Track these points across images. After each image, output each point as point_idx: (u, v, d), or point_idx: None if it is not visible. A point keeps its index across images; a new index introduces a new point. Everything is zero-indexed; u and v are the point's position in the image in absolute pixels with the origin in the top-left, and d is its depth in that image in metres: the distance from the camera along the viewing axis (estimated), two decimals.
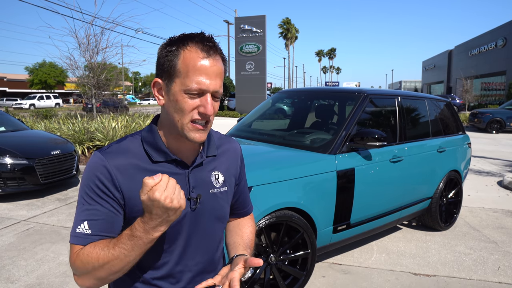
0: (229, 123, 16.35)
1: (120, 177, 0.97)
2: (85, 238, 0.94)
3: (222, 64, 0.98)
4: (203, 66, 0.93)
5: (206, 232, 1.10)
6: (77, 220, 0.96)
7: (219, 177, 1.12)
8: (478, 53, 36.25)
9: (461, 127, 4.92)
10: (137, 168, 0.99)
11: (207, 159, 1.10)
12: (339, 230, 3.13)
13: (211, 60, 0.94)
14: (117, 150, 1.01)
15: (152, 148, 1.02)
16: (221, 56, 0.99)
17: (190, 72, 0.93)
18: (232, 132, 4.10)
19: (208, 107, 0.94)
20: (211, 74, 0.94)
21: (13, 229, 4.27)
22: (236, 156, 1.20)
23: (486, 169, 8.12)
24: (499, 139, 14.10)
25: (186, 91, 0.94)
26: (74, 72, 11.41)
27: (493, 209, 5.29)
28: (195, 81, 0.93)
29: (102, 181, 0.96)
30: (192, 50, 0.94)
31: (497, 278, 3.26)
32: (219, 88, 0.96)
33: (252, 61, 23.88)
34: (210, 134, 1.14)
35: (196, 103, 0.95)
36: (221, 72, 0.97)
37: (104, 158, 0.98)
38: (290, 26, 59.00)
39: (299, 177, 2.80)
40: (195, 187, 1.06)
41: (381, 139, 3.07)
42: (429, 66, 56.87)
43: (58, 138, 6.65)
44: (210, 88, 0.94)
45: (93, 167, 0.97)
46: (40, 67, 45.82)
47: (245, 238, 1.20)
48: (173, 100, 0.96)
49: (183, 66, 0.94)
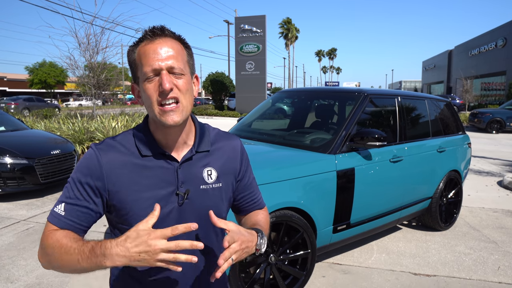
0: (229, 123, 16.36)
1: (109, 172, 1.01)
2: (58, 219, 1.00)
3: (173, 43, 1.00)
4: (150, 49, 0.97)
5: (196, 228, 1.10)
6: (58, 200, 1.03)
7: (212, 173, 1.11)
8: (478, 53, 36.23)
9: (461, 127, 4.91)
10: (127, 164, 1.03)
11: (199, 155, 1.10)
12: (339, 230, 3.12)
13: (157, 42, 0.98)
14: (110, 145, 1.05)
15: (141, 143, 1.06)
16: (173, 38, 1.01)
17: (143, 60, 0.98)
18: (232, 131, 4.10)
19: (164, 82, 0.96)
20: (160, 53, 0.97)
21: (13, 229, 4.27)
22: (235, 153, 1.18)
23: (486, 169, 8.12)
24: (499, 139, 14.10)
25: (144, 78, 0.98)
26: (74, 71, 11.42)
27: (493, 209, 5.29)
28: (147, 64, 0.97)
29: (91, 174, 1.01)
30: (142, 44, 1.00)
31: (497, 278, 3.26)
32: (172, 64, 0.97)
33: (252, 61, 23.88)
34: (205, 130, 1.15)
35: (156, 85, 0.98)
36: (171, 49, 0.98)
37: (98, 152, 1.03)
38: (290, 26, 58.98)
39: (299, 177, 2.79)
40: (184, 182, 1.06)
41: (381, 139, 3.07)
42: (429, 66, 56.86)
43: (58, 137, 6.65)
44: (161, 66, 0.97)
45: (86, 158, 1.03)
46: (40, 67, 45.81)
47: (258, 219, 1.22)
48: (142, 93, 1.01)
49: (137, 59, 1.00)
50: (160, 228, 1.00)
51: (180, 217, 1.06)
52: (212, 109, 26.40)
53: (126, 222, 1.04)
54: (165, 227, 1.02)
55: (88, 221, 1.03)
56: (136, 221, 1.01)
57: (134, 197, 1.02)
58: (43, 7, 34.85)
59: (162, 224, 1.03)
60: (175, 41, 1.01)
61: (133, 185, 1.02)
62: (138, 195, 1.02)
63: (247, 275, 2.67)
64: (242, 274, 2.61)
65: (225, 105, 29.71)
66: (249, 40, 23.91)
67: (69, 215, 1.00)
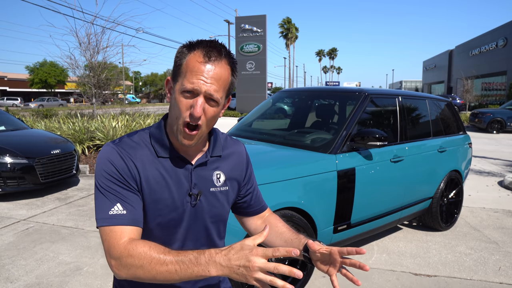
0: (229, 122, 16.34)
1: (133, 165, 1.01)
2: (122, 219, 0.95)
3: (225, 70, 0.99)
4: (200, 68, 0.96)
5: (204, 228, 1.12)
6: (104, 205, 0.97)
7: (220, 176, 1.13)
8: (479, 53, 36.20)
9: (461, 127, 4.90)
10: (147, 161, 1.03)
11: (211, 159, 1.12)
12: (339, 230, 3.12)
13: (211, 63, 0.96)
14: (128, 143, 1.05)
15: (158, 144, 1.06)
16: (228, 62, 1.00)
17: (188, 73, 0.96)
18: (232, 131, 4.09)
19: (197, 108, 0.95)
20: (207, 77, 0.96)
21: (13, 229, 4.27)
22: (242, 158, 1.22)
23: (486, 169, 8.11)
24: (500, 139, 14.08)
25: (182, 90, 0.97)
26: (74, 71, 11.41)
27: (493, 209, 5.28)
28: (190, 81, 0.95)
29: (117, 168, 0.99)
30: (196, 54, 0.97)
31: (498, 278, 3.25)
32: (212, 91, 0.96)
33: (253, 60, 23.86)
34: (217, 135, 1.17)
35: (189, 103, 0.97)
36: (220, 77, 0.97)
37: (117, 147, 1.02)
38: (290, 26, 58.98)
39: (299, 176, 2.79)
40: (197, 184, 1.08)
41: (381, 139, 3.06)
42: (429, 66, 56.82)
43: (58, 137, 6.65)
44: (202, 88, 0.95)
45: (107, 154, 1.00)
46: (40, 67, 45.86)
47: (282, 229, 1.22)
48: (173, 98, 1.00)
49: (185, 67, 0.98)
50: (176, 227, 1.04)
51: (191, 218, 1.09)
52: None
53: (144, 220, 1.03)
54: (177, 227, 1.06)
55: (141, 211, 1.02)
56: (155, 220, 1.04)
57: (154, 196, 1.03)
58: (44, 7, 34.89)
59: (175, 223, 1.07)
60: (227, 67, 0.99)
61: (153, 183, 1.03)
62: (157, 194, 1.03)
63: None
64: None
65: None
66: (250, 39, 23.88)
67: (131, 213, 0.97)
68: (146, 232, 1.05)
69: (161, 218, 1.04)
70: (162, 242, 1.03)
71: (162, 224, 1.05)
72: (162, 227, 1.06)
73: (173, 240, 1.07)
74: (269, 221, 1.26)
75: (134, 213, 0.98)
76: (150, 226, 1.05)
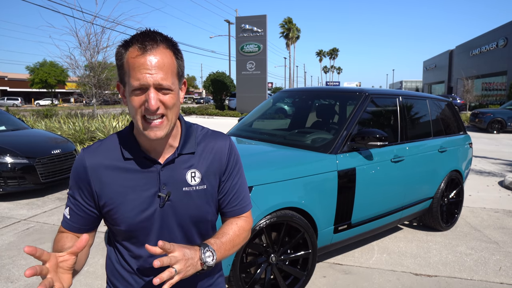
0: (229, 122, 16.35)
1: (94, 175, 1.05)
2: (65, 221, 1.10)
3: (166, 55, 0.96)
4: (139, 62, 0.93)
5: (180, 229, 1.09)
6: (66, 204, 1.12)
7: (195, 175, 1.09)
8: (479, 53, 36.19)
9: (462, 127, 4.90)
10: (110, 167, 1.05)
11: (184, 157, 1.09)
12: (340, 230, 3.12)
13: (149, 54, 0.93)
14: (97, 149, 1.08)
15: (124, 146, 1.07)
16: (166, 46, 0.97)
17: (131, 70, 0.94)
18: (232, 131, 4.09)
19: (151, 102, 0.94)
20: (150, 68, 0.93)
21: (13, 228, 4.27)
22: (222, 153, 1.13)
23: (487, 169, 8.11)
24: (500, 139, 14.07)
25: (131, 89, 0.96)
26: (74, 71, 11.42)
27: (494, 209, 5.28)
28: (135, 78, 0.94)
29: (79, 177, 1.07)
30: (132, 50, 0.95)
31: (498, 278, 3.25)
32: (160, 80, 0.94)
33: (253, 60, 23.86)
34: (191, 131, 1.13)
35: (141, 100, 0.96)
36: (163, 64, 0.94)
37: (84, 157, 1.06)
38: (291, 26, 58.97)
39: (300, 176, 2.79)
40: (167, 184, 1.06)
41: (382, 139, 3.06)
42: (430, 66, 56.80)
43: (59, 137, 6.65)
44: (149, 81, 0.93)
45: (76, 164, 1.08)
46: (40, 67, 45.86)
47: (225, 230, 1.12)
48: (127, 101, 1.00)
49: (126, 66, 0.97)
50: (147, 230, 1.06)
51: (162, 219, 1.07)
52: (213, 109, 26.41)
53: (115, 223, 1.07)
54: (149, 229, 1.07)
55: (94, 220, 1.11)
56: (124, 222, 1.05)
57: (120, 200, 1.04)
58: (44, 7, 34.89)
59: (146, 225, 1.06)
60: (166, 51, 0.96)
61: (117, 187, 1.04)
62: (123, 197, 1.04)
63: (247, 275, 2.66)
64: (243, 274, 2.61)
65: (225, 105, 29.71)
66: (250, 39, 23.88)
67: (73, 220, 1.09)
68: (119, 234, 1.09)
69: (131, 220, 1.04)
70: (137, 243, 1.08)
71: (133, 226, 1.05)
72: (134, 230, 1.06)
73: (147, 241, 1.06)
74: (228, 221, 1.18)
75: (75, 221, 1.09)
76: (122, 228, 1.06)
